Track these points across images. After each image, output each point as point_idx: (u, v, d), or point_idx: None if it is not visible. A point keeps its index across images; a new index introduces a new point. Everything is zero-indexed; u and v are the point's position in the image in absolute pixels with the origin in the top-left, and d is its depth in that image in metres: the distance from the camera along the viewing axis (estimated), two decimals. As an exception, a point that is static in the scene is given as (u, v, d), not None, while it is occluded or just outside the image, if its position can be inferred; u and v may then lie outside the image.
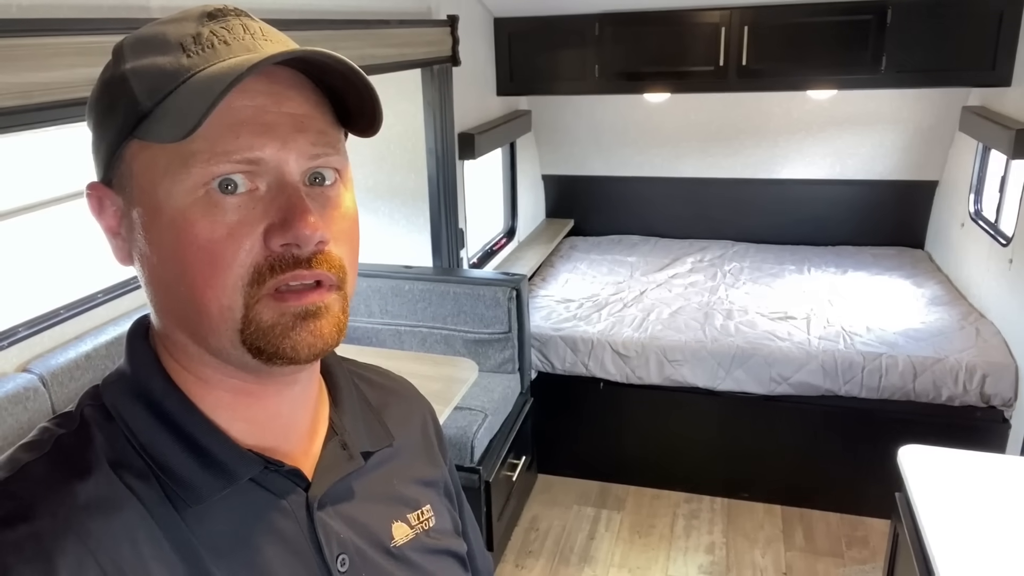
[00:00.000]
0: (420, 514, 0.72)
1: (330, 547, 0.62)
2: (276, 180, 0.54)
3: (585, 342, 3.31)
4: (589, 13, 3.60)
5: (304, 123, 0.56)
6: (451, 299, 2.97)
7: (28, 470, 0.54)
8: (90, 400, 0.60)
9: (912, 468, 1.84)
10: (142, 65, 0.54)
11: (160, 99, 0.53)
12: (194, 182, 0.53)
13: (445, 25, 2.97)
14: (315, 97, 0.58)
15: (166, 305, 0.58)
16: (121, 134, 0.55)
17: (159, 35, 0.55)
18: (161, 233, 0.54)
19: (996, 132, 3.07)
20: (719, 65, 3.52)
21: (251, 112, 0.53)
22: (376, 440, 0.70)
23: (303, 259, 0.54)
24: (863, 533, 3.07)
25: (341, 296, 0.58)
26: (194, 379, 0.59)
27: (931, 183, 4.21)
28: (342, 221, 0.58)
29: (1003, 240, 3.18)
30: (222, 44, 0.55)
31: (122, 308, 2.32)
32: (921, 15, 3.22)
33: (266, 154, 0.53)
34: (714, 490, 3.32)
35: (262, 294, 0.54)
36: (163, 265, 0.55)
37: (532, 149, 4.65)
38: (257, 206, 0.54)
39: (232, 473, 0.58)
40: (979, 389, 2.91)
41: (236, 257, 0.53)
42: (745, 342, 3.18)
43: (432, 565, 0.70)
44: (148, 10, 1.60)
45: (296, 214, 0.53)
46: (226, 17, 0.56)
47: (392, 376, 0.83)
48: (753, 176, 4.44)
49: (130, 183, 0.56)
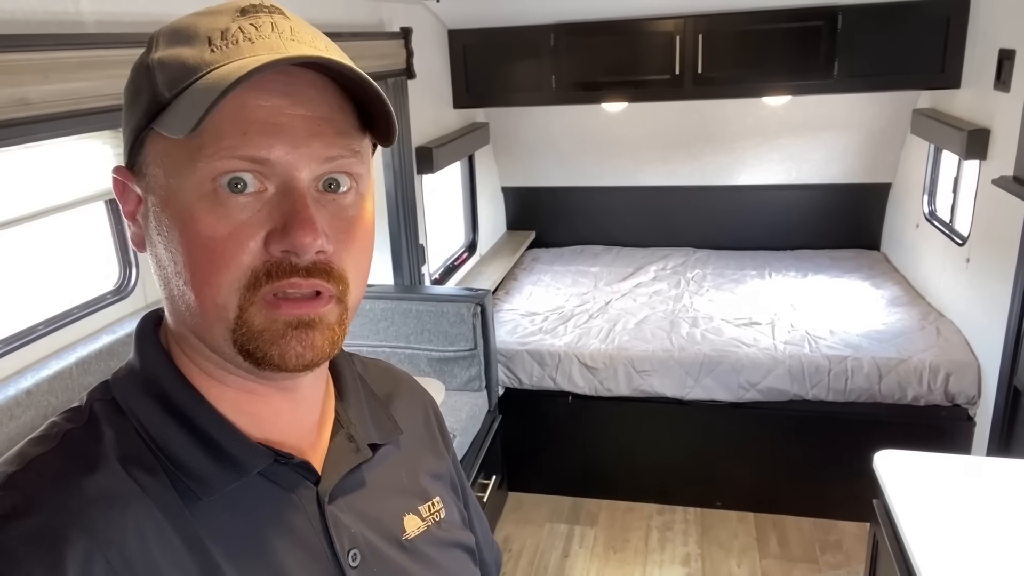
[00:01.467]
0: (431, 505, 0.71)
1: (341, 542, 0.61)
2: (285, 183, 0.54)
3: (552, 355, 3.26)
4: (544, 23, 3.58)
5: (320, 126, 0.54)
6: (414, 317, 2.89)
7: (36, 464, 0.53)
8: (100, 395, 0.59)
9: (888, 474, 1.82)
10: (168, 56, 0.54)
11: (178, 92, 0.52)
12: (199, 177, 0.52)
13: (398, 38, 2.91)
14: (337, 101, 0.56)
15: (169, 296, 0.57)
16: (141, 122, 0.55)
17: (191, 27, 0.55)
18: (168, 224, 0.54)
19: (948, 134, 3.12)
20: (675, 73, 3.52)
21: (264, 112, 0.53)
22: (384, 433, 0.70)
23: (300, 267, 0.53)
24: (836, 537, 3.07)
25: (340, 308, 0.57)
26: (201, 373, 0.59)
27: (884, 185, 4.27)
28: (352, 231, 0.57)
29: (959, 240, 3.23)
30: (246, 41, 0.54)
31: (66, 340, 2.19)
32: (871, 20, 3.26)
33: (273, 155, 0.53)
34: (687, 500, 3.29)
35: (256, 298, 0.54)
36: (168, 256, 0.55)
37: (491, 161, 4.61)
38: (263, 208, 0.53)
39: (242, 466, 0.58)
40: (943, 388, 2.94)
41: (235, 258, 0.53)
42: (712, 349, 3.17)
43: (443, 558, 0.70)
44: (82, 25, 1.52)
45: (297, 222, 0.53)
46: (258, 13, 0.55)
47: (394, 369, 0.83)
48: (712, 183, 4.47)
49: (147, 170, 0.56)
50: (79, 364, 2.09)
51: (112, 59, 1.44)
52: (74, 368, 2.08)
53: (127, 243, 2.39)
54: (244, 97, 0.51)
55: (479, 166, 4.34)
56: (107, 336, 2.22)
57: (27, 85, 1.23)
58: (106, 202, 2.31)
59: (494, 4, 3.46)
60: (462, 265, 4.08)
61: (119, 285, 2.41)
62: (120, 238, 2.39)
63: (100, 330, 2.25)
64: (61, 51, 1.30)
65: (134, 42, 1.49)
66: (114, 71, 1.45)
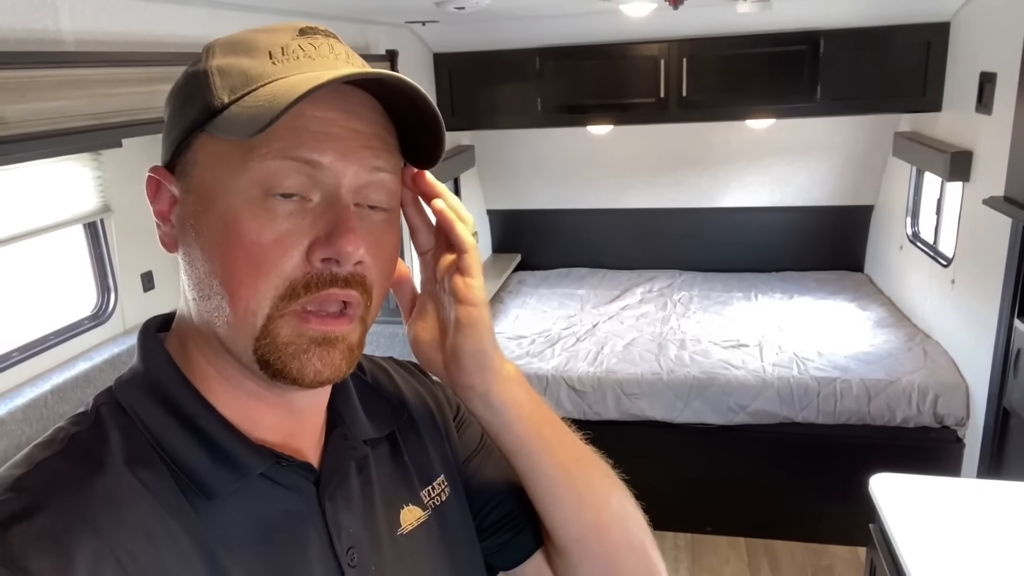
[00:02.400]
0: (431, 489, 0.71)
1: (340, 541, 0.62)
2: (330, 193, 0.55)
3: (540, 379, 3.22)
4: (529, 47, 3.59)
5: (369, 140, 0.57)
6: (400, 341, 2.84)
7: (43, 466, 0.54)
8: (105, 399, 0.60)
9: (885, 498, 1.79)
10: (227, 63, 0.56)
11: (237, 98, 0.54)
12: (250, 178, 0.54)
13: (384, 60, 2.90)
14: (385, 122, 0.59)
15: (198, 296, 0.58)
16: (193, 125, 0.56)
17: (250, 40, 0.58)
18: (210, 225, 0.55)
19: (931, 156, 3.14)
20: (660, 97, 3.54)
21: (319, 123, 0.55)
22: (379, 425, 0.70)
23: (340, 277, 0.55)
24: (828, 562, 3.03)
25: (362, 329, 0.59)
26: (214, 373, 0.60)
27: (867, 207, 4.31)
28: (382, 248, 0.59)
29: (943, 261, 3.24)
30: (307, 58, 0.56)
31: (41, 367, 2.12)
32: (853, 45, 3.30)
33: (325, 160, 0.54)
34: (677, 526, 3.24)
35: (289, 309, 0.55)
36: (204, 256, 0.56)
37: (476, 184, 4.59)
38: (307, 217, 0.55)
39: (243, 467, 0.58)
40: (932, 410, 2.93)
41: (276, 266, 0.54)
42: (701, 372, 3.15)
43: (442, 547, 0.70)
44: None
45: (342, 230, 0.54)
46: (316, 35, 0.59)
47: (396, 360, 0.82)
48: (697, 205, 4.48)
49: (192, 171, 0.57)
50: (55, 392, 2.03)
51: (93, 78, 1.41)
52: (49, 396, 2.02)
53: (106, 267, 2.33)
54: (302, 109, 0.53)
55: (464, 189, 4.32)
56: (84, 363, 2.16)
57: (3, 104, 1.19)
58: (84, 226, 2.27)
59: (479, 28, 3.47)
60: (448, 288, 4.04)
61: (97, 310, 2.35)
62: (98, 262, 2.33)
63: (77, 356, 2.19)
64: (39, 69, 1.26)
65: (116, 61, 1.46)
66: (95, 90, 1.41)
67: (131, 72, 1.51)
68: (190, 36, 1.81)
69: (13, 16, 1.31)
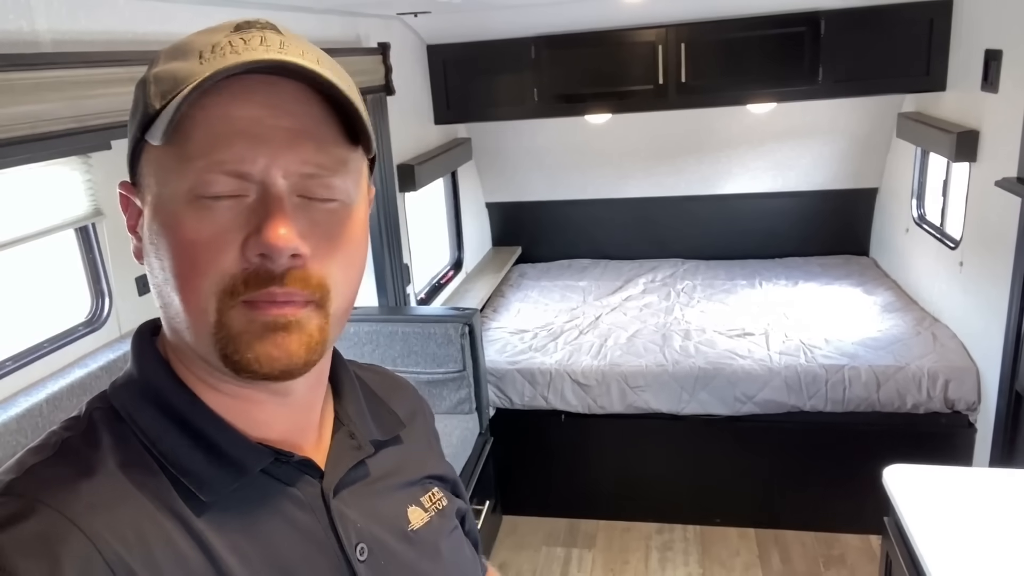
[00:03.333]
0: (432, 496, 0.73)
1: (348, 537, 0.62)
2: (264, 190, 0.55)
3: (543, 374, 3.18)
4: (524, 36, 3.53)
5: (300, 138, 0.55)
6: (400, 339, 2.80)
7: (35, 471, 0.54)
8: (98, 403, 0.60)
9: (899, 489, 1.75)
10: (163, 69, 0.56)
11: (166, 103, 0.54)
12: (187, 186, 0.54)
13: (376, 53, 2.84)
14: (322, 113, 0.57)
15: (161, 304, 0.58)
16: (137, 134, 0.57)
17: (189, 43, 0.57)
18: (157, 231, 0.56)
19: (936, 136, 3.09)
20: (659, 83, 3.48)
21: (246, 123, 0.54)
22: (385, 429, 0.72)
23: (276, 275, 0.54)
24: (839, 551, 2.99)
25: (320, 314, 0.57)
26: (198, 380, 0.60)
27: (871, 190, 4.25)
28: (335, 239, 0.57)
29: (951, 243, 3.19)
30: (232, 54, 0.54)
31: (36, 375, 2.09)
32: (854, 25, 3.24)
33: (255, 169, 0.54)
34: (686, 518, 3.21)
35: (236, 302, 0.54)
36: (158, 264, 0.56)
37: (474, 177, 4.54)
38: (242, 212, 0.54)
39: (243, 466, 0.58)
40: (943, 395, 2.89)
41: (214, 262, 0.54)
42: (706, 362, 3.10)
43: (448, 547, 0.72)
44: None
45: (270, 223, 0.53)
46: (250, 29, 0.57)
47: (389, 372, 0.84)
48: (698, 192, 4.42)
49: (144, 182, 0.57)
50: (50, 400, 1.99)
51: (71, 80, 1.36)
52: (44, 405, 1.98)
53: (99, 272, 2.29)
54: (228, 108, 0.53)
55: (462, 182, 4.27)
56: (79, 370, 2.12)
57: (-24, 109, 1.15)
58: (76, 230, 2.22)
59: (472, 18, 3.41)
60: (448, 284, 4.00)
61: (91, 316, 2.31)
62: (92, 267, 2.29)
63: (72, 364, 2.15)
64: (14, 71, 1.21)
65: (94, 61, 1.41)
66: (74, 92, 1.36)
67: (113, 72, 1.46)
68: (174, 34, 1.75)
69: (-15, 17, 1.27)
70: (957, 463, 2.84)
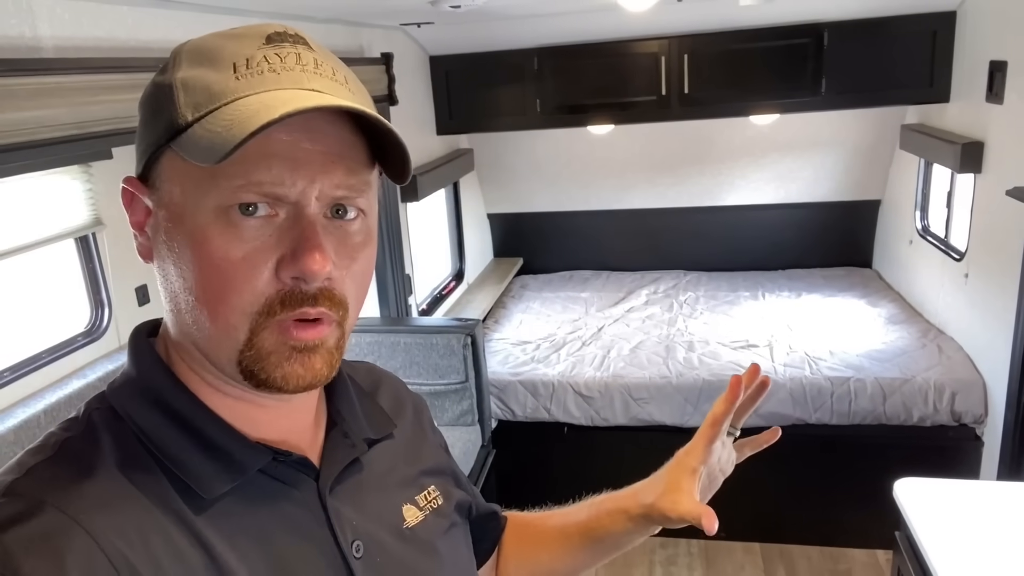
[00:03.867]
0: (427, 494, 0.74)
1: (344, 534, 0.63)
2: (295, 210, 0.55)
3: (546, 385, 3.15)
4: (526, 47, 3.52)
5: (334, 162, 0.56)
6: (402, 350, 2.77)
7: (35, 471, 0.54)
8: (97, 404, 0.60)
9: (911, 503, 1.72)
10: (191, 77, 0.55)
11: (200, 116, 0.54)
12: (219, 202, 0.54)
13: (379, 63, 2.84)
14: (351, 136, 0.58)
15: (174, 309, 0.59)
16: (160, 140, 0.56)
17: (216, 49, 0.56)
18: (181, 241, 0.56)
19: (941, 148, 3.08)
20: (662, 94, 3.47)
21: (284, 146, 0.54)
22: (377, 427, 0.72)
23: (309, 295, 0.55)
24: (846, 566, 2.95)
25: (339, 332, 0.59)
26: (199, 381, 0.60)
27: (874, 202, 4.24)
28: (355, 258, 0.59)
29: (956, 255, 3.17)
30: (271, 73, 0.55)
31: (34, 386, 2.06)
32: (857, 37, 3.24)
33: (293, 192, 0.54)
34: (690, 532, 3.09)
35: (270, 323, 0.55)
36: (177, 272, 0.56)
37: (476, 188, 4.53)
38: (274, 233, 0.55)
39: (241, 464, 0.59)
40: (949, 408, 2.86)
41: (248, 283, 0.54)
42: (710, 375, 3.08)
43: (443, 544, 0.72)
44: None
45: (306, 248, 0.54)
46: (283, 43, 0.57)
47: (378, 368, 0.84)
48: (700, 204, 4.41)
49: (162, 185, 0.57)
50: (48, 412, 1.96)
51: (73, 86, 1.34)
52: (42, 416, 1.95)
53: (99, 282, 2.27)
54: (267, 129, 0.52)
55: (464, 193, 4.26)
56: (78, 381, 2.09)
57: (-25, 114, 1.13)
58: (76, 240, 2.20)
59: (475, 29, 3.41)
60: (449, 294, 3.98)
61: (91, 326, 2.28)
62: (91, 277, 2.27)
63: (70, 374, 2.13)
64: (14, 77, 1.20)
65: (97, 67, 1.40)
66: (75, 99, 1.35)
67: (115, 79, 1.44)
68: (176, 41, 1.74)
69: (-13, 22, 1.25)
70: (964, 476, 2.81)
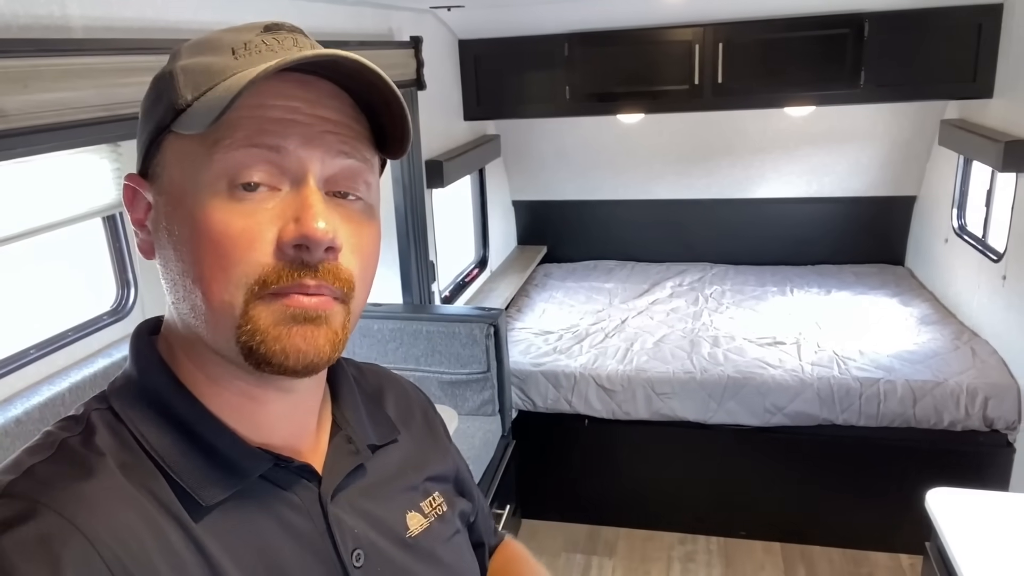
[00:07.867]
0: (432, 501, 0.72)
1: (345, 543, 0.61)
2: (297, 180, 0.55)
3: (567, 377, 3.13)
4: (557, 33, 3.46)
5: (336, 127, 0.56)
6: (424, 338, 2.76)
7: (33, 472, 0.53)
8: (97, 404, 0.59)
9: (943, 513, 1.67)
10: (192, 63, 0.56)
11: (200, 94, 0.54)
12: (216, 171, 0.53)
13: (408, 47, 2.80)
14: (353, 113, 0.58)
15: (175, 298, 0.58)
16: (160, 126, 0.56)
17: (216, 39, 0.58)
18: (180, 222, 0.55)
19: (982, 145, 2.98)
20: (694, 84, 3.40)
21: (283, 110, 0.54)
22: (382, 433, 0.71)
23: (311, 265, 0.54)
24: (868, 570, 2.91)
25: (344, 311, 0.57)
26: (203, 377, 0.59)
27: (909, 198, 4.14)
28: (359, 237, 0.58)
29: (994, 256, 3.08)
30: (269, 51, 0.56)
31: (59, 364, 2.07)
32: (899, 28, 3.14)
33: (289, 144, 0.54)
34: (710, 529, 3.14)
35: (266, 293, 0.54)
36: (177, 256, 0.56)
37: (501, 175, 4.49)
38: (276, 205, 0.54)
39: (242, 470, 0.58)
40: (981, 413, 2.79)
41: (245, 255, 0.53)
42: (735, 371, 3.03)
43: (447, 554, 0.71)
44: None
45: (310, 214, 0.53)
46: (280, 31, 0.59)
47: (387, 371, 0.83)
48: (730, 196, 4.34)
49: (162, 172, 0.57)
50: (73, 390, 1.98)
51: (101, 67, 1.32)
52: (67, 394, 1.96)
53: (125, 261, 2.27)
54: (263, 98, 0.53)
55: (490, 179, 4.22)
56: (103, 359, 2.10)
57: (3, 95, 1.12)
58: (104, 219, 2.20)
59: (506, 13, 3.35)
60: (472, 282, 3.95)
61: (117, 305, 2.29)
62: (118, 256, 2.27)
63: (96, 353, 2.14)
64: (43, 58, 1.18)
65: (126, 48, 1.38)
66: (104, 80, 1.33)
67: (145, 60, 1.42)
68: (206, 23, 1.73)
69: (16, 2, 1.24)
70: (994, 484, 2.75)
